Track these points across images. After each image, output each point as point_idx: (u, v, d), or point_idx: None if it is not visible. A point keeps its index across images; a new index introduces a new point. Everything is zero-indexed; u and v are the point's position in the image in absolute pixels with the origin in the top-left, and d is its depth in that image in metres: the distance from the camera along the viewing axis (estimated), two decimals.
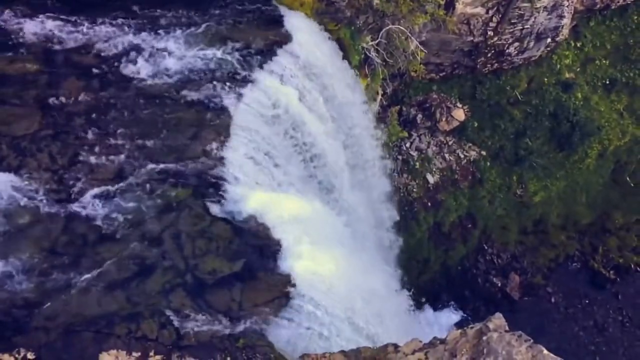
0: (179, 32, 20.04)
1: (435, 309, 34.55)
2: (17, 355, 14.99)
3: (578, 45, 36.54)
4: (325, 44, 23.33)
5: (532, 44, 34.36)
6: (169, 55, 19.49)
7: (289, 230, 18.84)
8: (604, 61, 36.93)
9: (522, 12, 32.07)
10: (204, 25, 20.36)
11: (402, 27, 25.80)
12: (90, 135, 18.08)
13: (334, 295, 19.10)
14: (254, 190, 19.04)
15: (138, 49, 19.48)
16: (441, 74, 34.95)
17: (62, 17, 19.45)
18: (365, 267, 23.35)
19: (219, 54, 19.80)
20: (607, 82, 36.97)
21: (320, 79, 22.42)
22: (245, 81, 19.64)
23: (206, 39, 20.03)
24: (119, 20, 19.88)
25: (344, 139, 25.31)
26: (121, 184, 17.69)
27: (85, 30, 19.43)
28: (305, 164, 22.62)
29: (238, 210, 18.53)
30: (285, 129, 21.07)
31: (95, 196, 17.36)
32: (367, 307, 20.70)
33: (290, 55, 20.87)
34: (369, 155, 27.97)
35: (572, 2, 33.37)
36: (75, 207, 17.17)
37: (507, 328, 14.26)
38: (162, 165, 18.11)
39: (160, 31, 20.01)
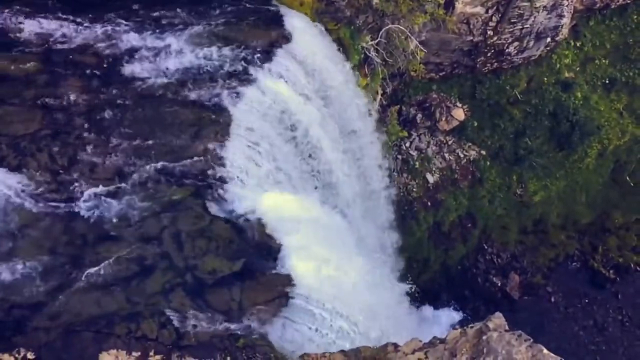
0: (180, 31, 20.01)
1: (435, 308, 34.51)
2: (17, 355, 15.01)
3: (578, 44, 36.49)
4: (325, 43, 23.31)
5: (531, 43, 34.33)
6: (170, 54, 19.46)
7: (305, 233, 18.85)
8: (603, 60, 36.87)
9: (522, 12, 32.03)
10: (204, 25, 20.33)
11: (401, 27, 25.78)
12: (90, 135, 18.05)
13: (359, 309, 19.10)
14: (267, 191, 19.03)
15: (139, 49, 19.46)
16: (441, 74, 34.91)
17: (62, 16, 19.43)
18: (377, 280, 23.31)
19: (219, 53, 19.76)
20: (607, 82, 36.90)
21: (334, 105, 22.46)
22: (247, 81, 19.63)
23: (207, 39, 19.98)
24: (120, 20, 19.85)
25: (356, 170, 25.49)
26: (121, 184, 17.69)
27: (85, 30, 19.41)
28: (320, 192, 22.80)
29: (245, 210, 18.50)
30: (302, 152, 21.14)
31: (95, 196, 17.35)
32: (389, 323, 20.72)
33: (291, 58, 20.82)
34: (376, 186, 28.21)
35: (571, 1, 33.34)
36: (75, 206, 17.16)
37: (506, 327, 14.29)
38: (162, 165, 18.09)
39: (161, 31, 19.98)
